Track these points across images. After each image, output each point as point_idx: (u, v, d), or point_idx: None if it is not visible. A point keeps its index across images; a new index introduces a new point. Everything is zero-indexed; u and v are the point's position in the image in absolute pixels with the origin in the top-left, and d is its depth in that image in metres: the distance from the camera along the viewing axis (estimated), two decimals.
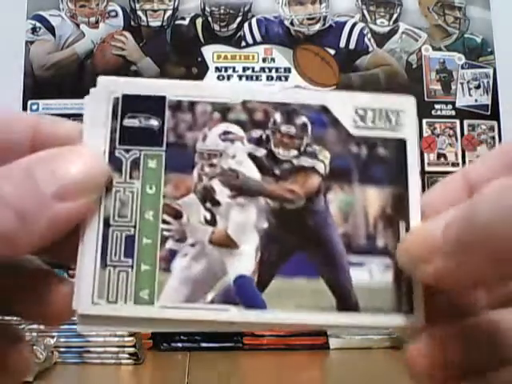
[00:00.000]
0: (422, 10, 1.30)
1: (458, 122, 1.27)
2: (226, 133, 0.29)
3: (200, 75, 1.24)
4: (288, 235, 0.28)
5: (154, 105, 0.28)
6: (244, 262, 0.28)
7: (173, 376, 0.92)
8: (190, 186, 0.28)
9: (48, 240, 0.25)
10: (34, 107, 1.21)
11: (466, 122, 1.27)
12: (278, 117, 0.29)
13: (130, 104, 0.28)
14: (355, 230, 0.28)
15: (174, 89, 0.28)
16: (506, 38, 1.29)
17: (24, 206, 0.24)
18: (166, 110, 0.28)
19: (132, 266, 0.27)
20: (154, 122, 0.28)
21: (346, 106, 0.29)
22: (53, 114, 1.20)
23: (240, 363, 1.04)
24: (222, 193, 0.28)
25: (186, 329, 0.27)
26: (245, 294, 0.27)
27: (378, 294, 0.27)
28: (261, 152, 0.29)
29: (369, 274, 0.28)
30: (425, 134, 1.25)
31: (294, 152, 0.29)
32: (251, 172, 0.28)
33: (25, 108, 1.20)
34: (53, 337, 0.92)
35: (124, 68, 1.23)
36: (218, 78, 1.24)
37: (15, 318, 0.29)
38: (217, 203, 0.28)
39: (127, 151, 0.27)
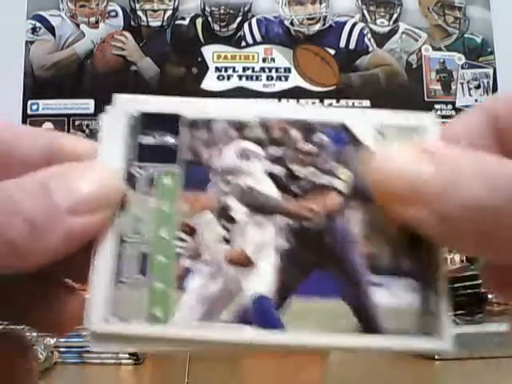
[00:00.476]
0: (422, 9, 1.30)
1: None
2: (242, 150, 0.28)
3: (200, 75, 1.23)
4: (307, 254, 0.27)
5: (169, 122, 0.28)
6: (261, 281, 0.27)
7: (173, 376, 0.92)
8: (205, 204, 0.28)
9: (60, 254, 0.24)
10: (34, 107, 1.21)
11: None
12: (295, 134, 0.28)
13: (146, 122, 0.28)
14: (378, 249, 0.27)
15: (189, 106, 0.28)
16: (506, 38, 1.29)
17: (37, 216, 0.24)
18: (181, 128, 0.28)
19: (146, 284, 0.26)
20: (170, 140, 0.28)
21: (365, 123, 0.28)
22: (53, 114, 1.19)
23: (240, 363, 1.04)
24: (238, 210, 0.28)
25: (200, 349, 0.27)
26: (262, 314, 0.27)
27: (403, 316, 0.26)
28: (278, 169, 0.28)
29: (393, 295, 0.27)
30: None
31: (313, 170, 0.28)
32: (268, 189, 0.28)
33: (25, 108, 1.20)
34: (53, 337, 0.92)
35: (124, 68, 1.23)
36: (218, 78, 1.24)
37: (23, 327, 0.29)
38: (233, 221, 0.28)
39: (143, 168, 0.27)
